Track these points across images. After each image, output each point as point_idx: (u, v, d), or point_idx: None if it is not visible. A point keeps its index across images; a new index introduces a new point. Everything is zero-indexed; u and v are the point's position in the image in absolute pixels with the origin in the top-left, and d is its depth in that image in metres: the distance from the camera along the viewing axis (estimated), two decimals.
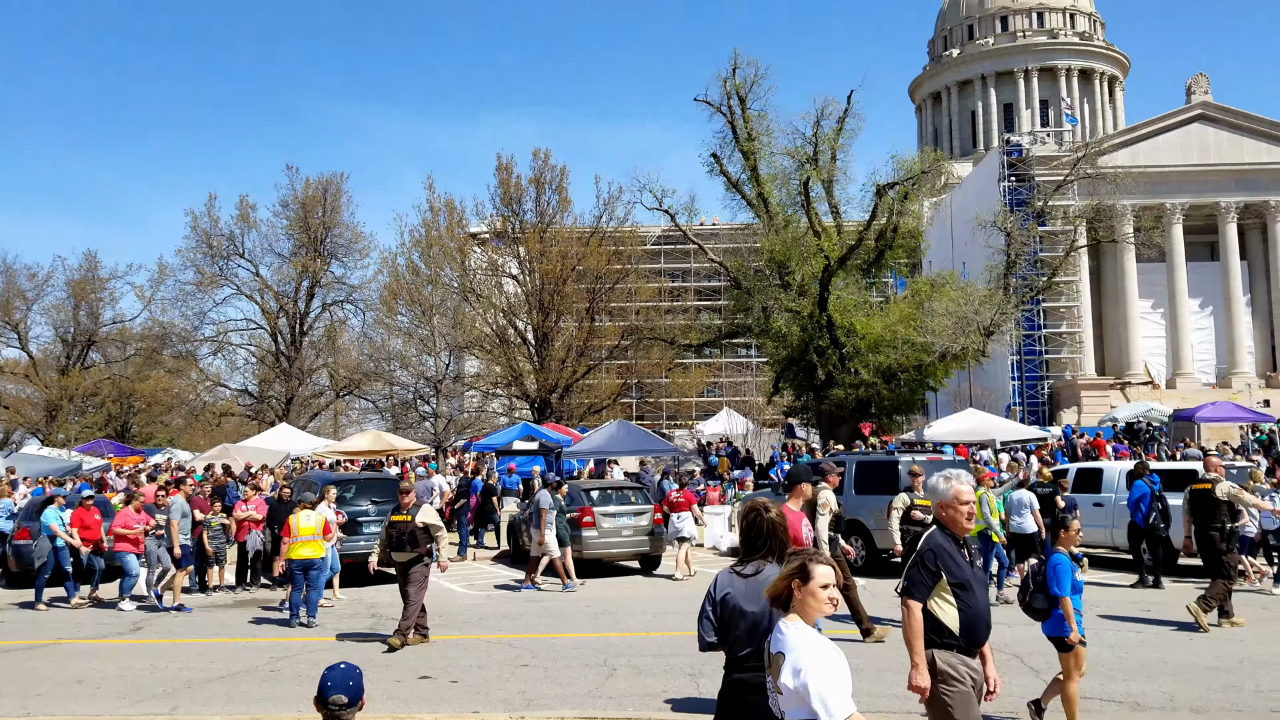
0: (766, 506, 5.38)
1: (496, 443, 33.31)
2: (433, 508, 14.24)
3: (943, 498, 5.97)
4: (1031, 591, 8.88)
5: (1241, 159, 64.65)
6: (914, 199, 39.74)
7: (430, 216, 51.83)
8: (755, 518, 5.27)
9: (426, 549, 13.59)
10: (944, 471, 6.23)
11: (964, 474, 6.24)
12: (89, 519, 18.73)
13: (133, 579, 17.76)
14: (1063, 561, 8.86)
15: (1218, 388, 61.83)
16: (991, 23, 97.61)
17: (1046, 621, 8.86)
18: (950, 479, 6.03)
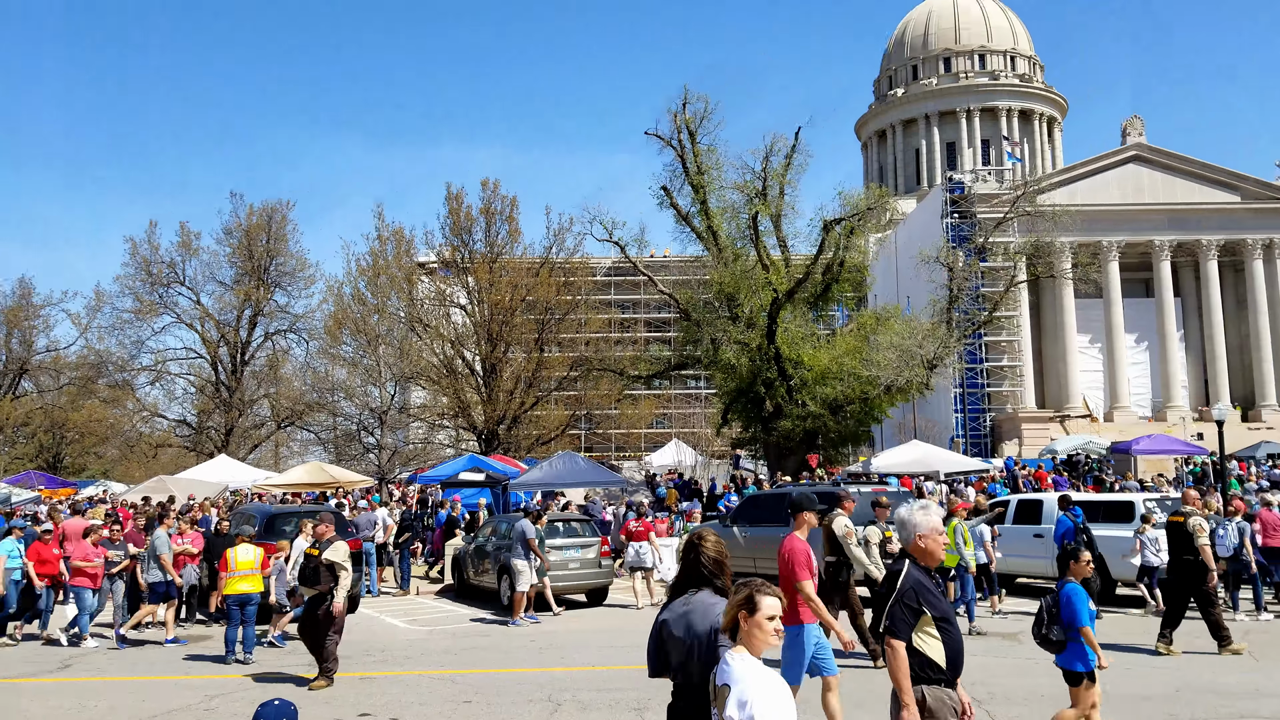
0: (702, 537, 5.42)
1: (442, 475, 32.91)
2: (344, 545, 13.55)
3: (920, 530, 5.93)
4: (1047, 623, 8.90)
5: (1174, 199, 66.61)
6: (860, 234, 40.33)
7: (378, 245, 51.42)
8: (690, 549, 5.36)
9: (328, 587, 13.04)
10: (916, 504, 6.21)
11: (934, 505, 6.26)
12: (47, 553, 18.13)
13: (84, 615, 17.08)
14: (1079, 592, 8.90)
15: (1153, 421, 63.22)
16: (935, 63, 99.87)
17: (1061, 654, 8.86)
18: (926, 511, 6.03)
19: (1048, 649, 8.98)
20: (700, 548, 5.32)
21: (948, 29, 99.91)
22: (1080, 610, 8.76)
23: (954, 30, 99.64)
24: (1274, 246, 67.47)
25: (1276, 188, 67.52)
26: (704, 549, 5.31)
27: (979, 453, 57.15)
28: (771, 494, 23.93)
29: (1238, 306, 68.92)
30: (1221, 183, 67.40)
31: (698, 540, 5.39)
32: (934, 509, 6.04)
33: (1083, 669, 8.71)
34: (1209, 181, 67.36)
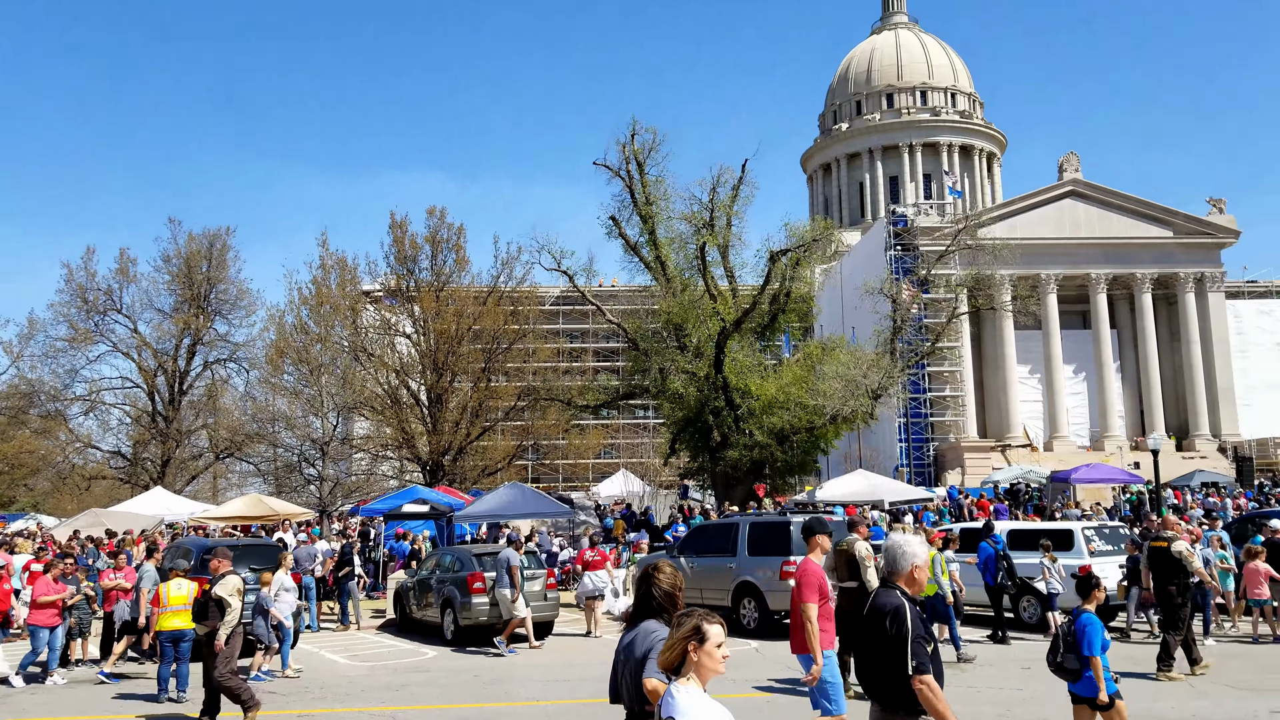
0: (658, 569, 5.42)
1: (385, 507, 32.36)
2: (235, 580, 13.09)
3: (914, 561, 5.88)
4: (1062, 652, 8.98)
5: (1110, 233, 68.36)
6: (806, 265, 40.74)
7: (321, 274, 50.73)
8: (644, 581, 5.39)
9: (215, 626, 12.55)
10: (902, 536, 6.15)
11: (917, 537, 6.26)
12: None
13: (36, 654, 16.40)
14: (1094, 621, 8.99)
15: (1091, 450, 64.42)
16: (878, 99, 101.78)
17: (1077, 682, 8.91)
18: (920, 541, 6.01)
19: (1062, 677, 9.06)
20: (654, 579, 5.37)
21: (890, 66, 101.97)
22: (1094, 640, 8.86)
23: (896, 67, 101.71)
24: (1205, 280, 69.46)
25: (1207, 223, 69.66)
26: (657, 581, 5.36)
27: (923, 482, 57.75)
28: (719, 524, 23.88)
29: (1171, 338, 70.72)
30: (1154, 218, 69.36)
31: (652, 572, 5.42)
32: (915, 541, 6.03)
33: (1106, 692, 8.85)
34: (1142, 216, 69.28)
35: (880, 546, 19.11)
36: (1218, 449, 66.12)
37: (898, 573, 5.87)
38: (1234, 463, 60.47)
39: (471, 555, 21.02)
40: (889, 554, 6.02)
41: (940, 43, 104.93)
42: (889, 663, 5.62)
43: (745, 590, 20.10)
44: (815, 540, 9.71)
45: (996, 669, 15.61)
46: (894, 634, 5.60)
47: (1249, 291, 76.76)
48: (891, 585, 5.86)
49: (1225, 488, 46.42)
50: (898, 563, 5.90)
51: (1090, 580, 9.63)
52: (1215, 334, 69.29)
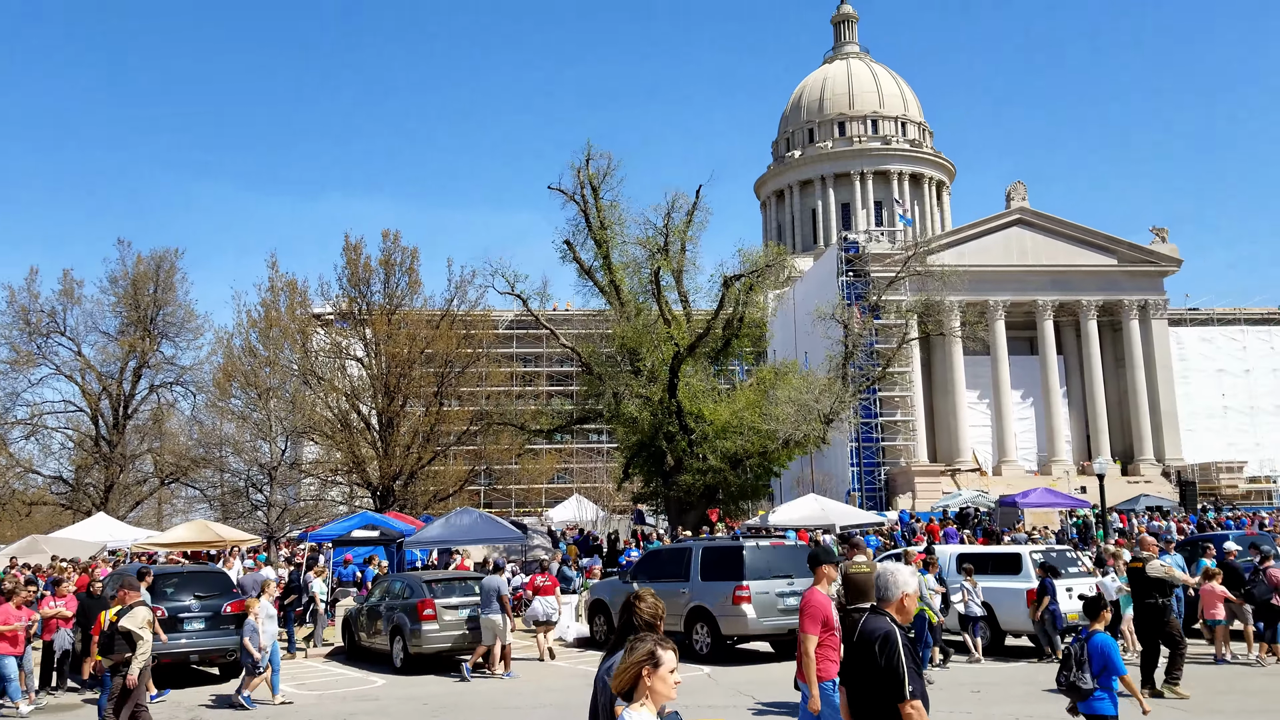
0: (640, 597, 5.60)
1: (334, 532, 31.86)
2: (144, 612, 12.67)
3: (904, 589, 5.94)
4: (1075, 671, 9.10)
5: (1056, 261, 69.75)
6: (759, 291, 41.04)
7: (271, 296, 50.05)
8: (627, 609, 5.60)
9: (124, 657, 12.07)
10: (892, 565, 6.22)
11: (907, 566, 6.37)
12: None
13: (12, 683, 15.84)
14: (1110, 641, 9.20)
15: (1039, 474, 65.37)
16: (830, 127, 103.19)
17: (1085, 700, 9.05)
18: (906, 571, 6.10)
19: (1074, 696, 9.19)
20: (636, 608, 5.55)
21: (842, 95, 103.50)
22: (1117, 659, 9.09)
23: (848, 96, 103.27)
24: (1149, 307, 71.07)
25: (1150, 251, 71.35)
26: (639, 609, 5.54)
27: (874, 506, 58.22)
28: (672, 549, 23.84)
29: (1116, 364, 72.16)
30: (1099, 246, 70.92)
31: (635, 600, 5.60)
32: (906, 569, 6.14)
33: (1113, 714, 9.02)
34: (1088, 245, 70.80)
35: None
36: (1162, 473, 67.43)
37: (888, 600, 5.94)
38: (1178, 487, 61.70)
39: (422, 581, 20.77)
40: (880, 581, 6.08)
41: (891, 73, 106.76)
42: (878, 688, 5.65)
43: (698, 615, 20.04)
44: (821, 570, 9.58)
45: (947, 692, 15.69)
46: (885, 660, 5.64)
47: (1191, 319, 78.64)
48: (881, 612, 5.91)
49: (1169, 511, 47.32)
50: (889, 590, 5.96)
51: (1099, 601, 9.88)
52: (1159, 360, 70.81)
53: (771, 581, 19.61)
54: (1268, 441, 73.50)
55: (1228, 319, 79.63)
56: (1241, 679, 16.60)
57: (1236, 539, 23.21)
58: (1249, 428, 74.56)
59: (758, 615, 19.23)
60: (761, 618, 19.28)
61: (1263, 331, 78.40)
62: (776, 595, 19.55)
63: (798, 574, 20.17)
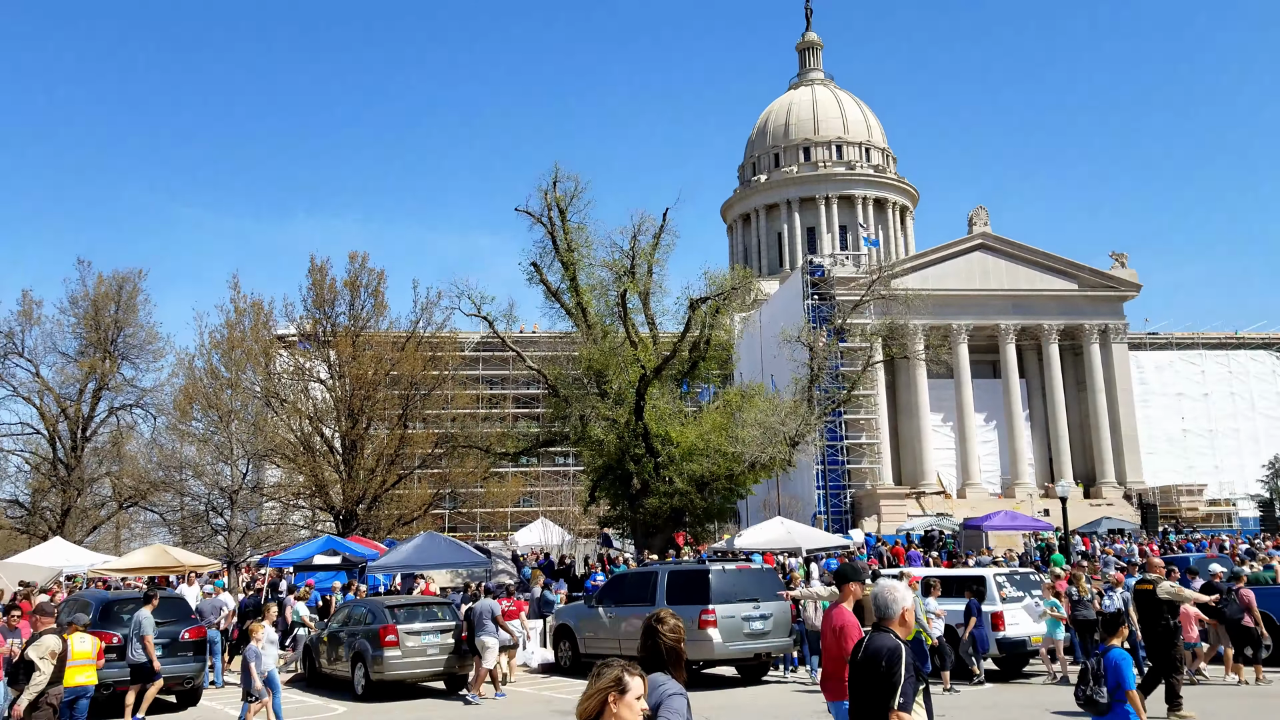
0: (661, 620, 5.63)
1: (295, 557, 31.44)
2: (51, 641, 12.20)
3: (904, 605, 6.10)
4: (1092, 685, 9.36)
5: (1018, 285, 70.62)
6: (725, 313, 41.17)
7: (234, 317, 49.46)
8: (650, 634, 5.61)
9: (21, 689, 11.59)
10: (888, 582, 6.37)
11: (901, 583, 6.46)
12: None
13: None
14: (1126, 656, 9.46)
15: (1003, 497, 65.87)
16: (796, 152, 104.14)
17: (1104, 715, 9.31)
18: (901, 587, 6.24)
19: (1092, 710, 9.44)
20: (659, 632, 5.57)
21: (807, 120, 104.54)
22: (1128, 675, 9.31)
23: (813, 122, 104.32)
24: (1109, 331, 72.08)
25: (1110, 276, 72.46)
26: (663, 634, 5.56)
27: (840, 529, 58.31)
28: (637, 573, 23.71)
29: (1078, 388, 73.03)
30: (1060, 271, 71.92)
31: (656, 624, 5.60)
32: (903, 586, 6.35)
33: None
34: (1049, 270, 71.76)
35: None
36: (1123, 496, 68.19)
37: (889, 618, 6.12)
38: (1139, 509, 62.47)
39: (384, 607, 20.50)
40: (880, 600, 6.25)
41: (855, 99, 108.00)
42: (880, 702, 5.84)
43: None
44: (849, 588, 9.51)
45: None
46: (886, 674, 5.84)
47: (1150, 343, 79.86)
48: (885, 629, 6.10)
49: (1131, 534, 47.87)
50: (890, 608, 6.15)
51: (1117, 619, 10.28)
52: (1119, 384, 71.75)
53: (738, 605, 19.57)
54: (1226, 465, 74.65)
55: (1186, 343, 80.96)
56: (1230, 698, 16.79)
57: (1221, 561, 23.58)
58: (1208, 451, 75.69)
59: (724, 640, 19.17)
60: (727, 642, 19.21)
61: (1220, 356, 79.77)
62: (742, 619, 19.51)
63: (764, 598, 20.17)
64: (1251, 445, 76.28)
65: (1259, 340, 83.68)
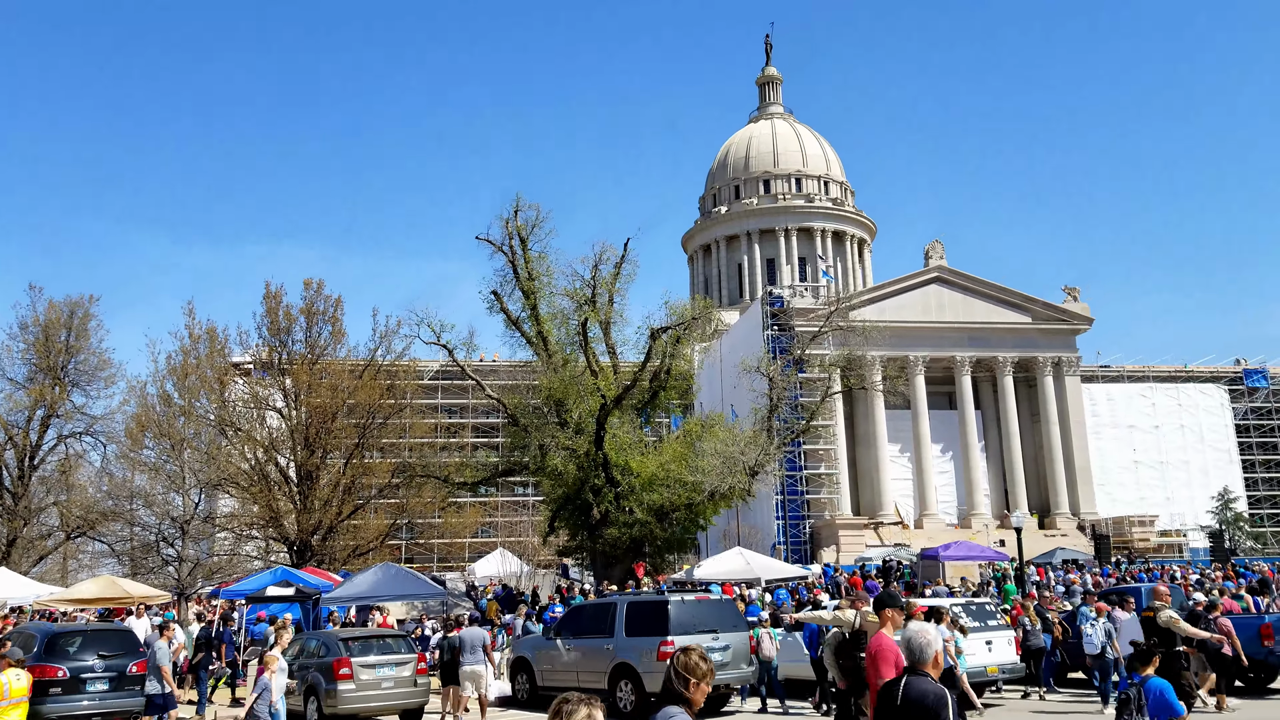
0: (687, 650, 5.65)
1: (248, 589, 30.84)
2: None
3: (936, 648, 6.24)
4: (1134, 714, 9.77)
5: (973, 318, 71.60)
6: (686, 343, 41.27)
7: (189, 344, 48.74)
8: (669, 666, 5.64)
9: None
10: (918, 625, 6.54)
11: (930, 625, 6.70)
12: None
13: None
14: (1167, 685, 9.93)
15: (960, 528, 66.43)
16: (756, 185, 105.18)
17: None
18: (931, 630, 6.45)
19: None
20: (672, 665, 5.58)
21: (767, 153, 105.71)
22: (1174, 702, 9.75)
23: (773, 155, 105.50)
24: (1062, 364, 73.22)
25: (1063, 310, 73.73)
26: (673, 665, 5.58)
27: (799, 559, 58.46)
28: (596, 604, 23.56)
29: (1032, 419, 73.99)
30: (1014, 304, 73.08)
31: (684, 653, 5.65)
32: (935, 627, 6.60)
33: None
34: (1003, 303, 72.89)
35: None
36: (1077, 526, 69.02)
37: (924, 661, 6.25)
38: (1092, 540, 63.23)
39: (338, 639, 20.17)
40: (913, 644, 6.36)
41: (814, 133, 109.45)
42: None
43: (622, 672, 19.79)
44: (886, 614, 9.62)
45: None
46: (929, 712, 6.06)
47: (1103, 376, 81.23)
48: (921, 673, 6.20)
49: (1085, 564, 48.40)
50: (924, 652, 6.29)
51: (1149, 649, 10.67)
52: (1072, 416, 72.80)
53: (697, 637, 19.48)
54: (1177, 496, 75.90)
55: (1137, 376, 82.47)
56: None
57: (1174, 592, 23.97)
58: (1159, 482, 76.94)
59: None
60: None
61: (1170, 389, 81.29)
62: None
63: (723, 629, 20.13)
64: (1201, 477, 77.69)
65: (1207, 374, 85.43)
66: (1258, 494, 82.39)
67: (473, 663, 19.37)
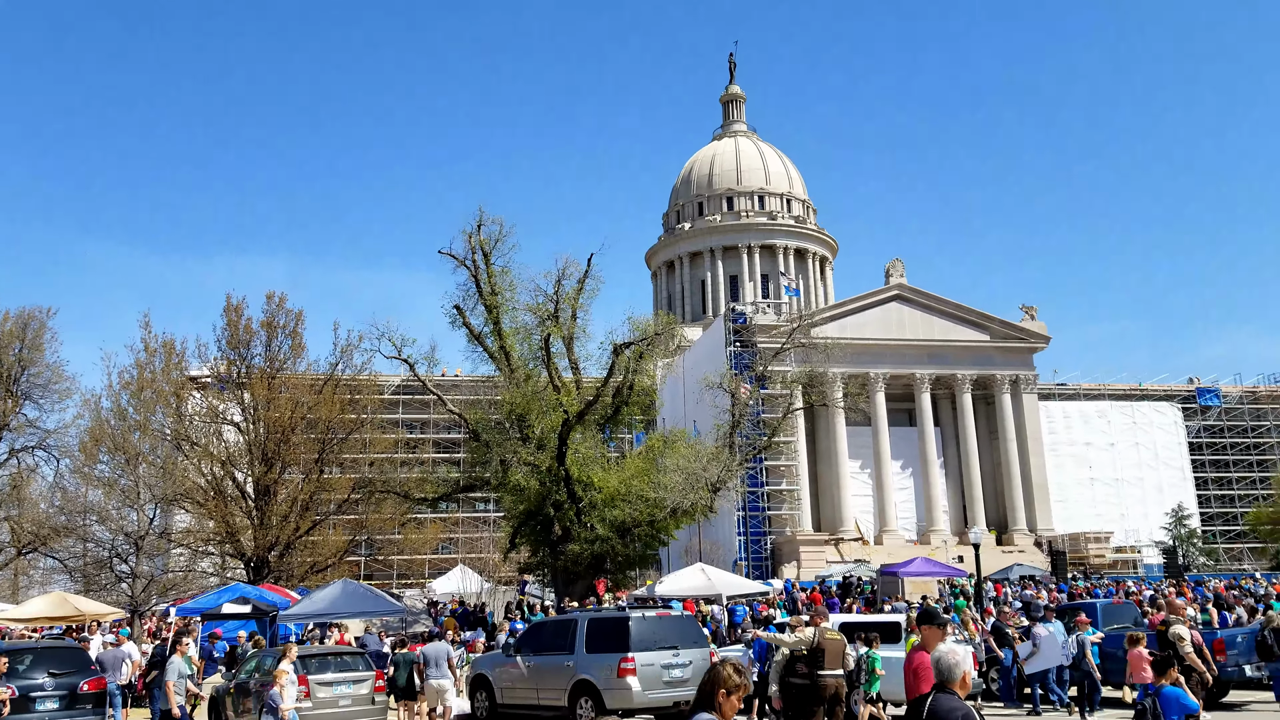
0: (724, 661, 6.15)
1: (203, 606, 30.43)
2: None
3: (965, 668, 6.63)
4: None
5: (932, 336, 72.38)
6: (649, 359, 41.36)
7: (145, 357, 48.07)
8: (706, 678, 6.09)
9: None
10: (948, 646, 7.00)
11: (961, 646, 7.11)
12: None
13: None
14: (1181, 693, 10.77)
15: (919, 543, 66.90)
16: (719, 202, 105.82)
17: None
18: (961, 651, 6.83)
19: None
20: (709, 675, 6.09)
21: (730, 171, 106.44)
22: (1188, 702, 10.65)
23: (736, 172, 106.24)
24: (1020, 382, 74.17)
25: (1020, 328, 74.74)
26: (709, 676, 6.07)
27: (760, 575, 58.58)
28: (557, 621, 23.47)
29: (990, 437, 74.83)
30: (973, 322, 73.98)
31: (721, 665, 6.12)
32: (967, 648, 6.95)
33: None
34: (962, 321, 73.77)
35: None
36: (1034, 543, 69.78)
37: (953, 680, 6.57)
38: (1049, 556, 64.01)
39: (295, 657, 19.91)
40: (943, 664, 6.70)
41: (777, 151, 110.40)
42: None
43: (582, 689, 19.70)
44: (930, 631, 9.82)
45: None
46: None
47: (1059, 394, 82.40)
48: (950, 691, 6.54)
49: (1041, 580, 48.96)
50: (953, 671, 6.60)
51: (1168, 661, 11.33)
52: (1030, 433, 73.73)
53: (657, 653, 19.48)
54: (1132, 513, 77.03)
55: (1093, 394, 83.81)
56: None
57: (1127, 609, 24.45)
58: (1114, 499, 78.07)
59: (643, 688, 19.04)
60: (647, 690, 19.08)
61: (1125, 407, 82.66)
62: (662, 667, 19.41)
63: (684, 645, 20.14)
64: (1155, 494, 78.95)
65: (1162, 393, 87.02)
66: (1210, 511, 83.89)
67: (438, 677, 19.46)
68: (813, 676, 15.21)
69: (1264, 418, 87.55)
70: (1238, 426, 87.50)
